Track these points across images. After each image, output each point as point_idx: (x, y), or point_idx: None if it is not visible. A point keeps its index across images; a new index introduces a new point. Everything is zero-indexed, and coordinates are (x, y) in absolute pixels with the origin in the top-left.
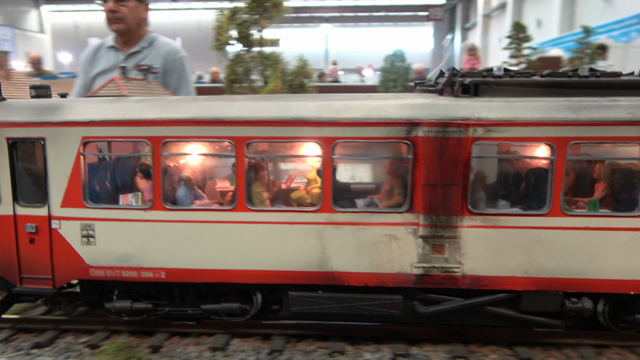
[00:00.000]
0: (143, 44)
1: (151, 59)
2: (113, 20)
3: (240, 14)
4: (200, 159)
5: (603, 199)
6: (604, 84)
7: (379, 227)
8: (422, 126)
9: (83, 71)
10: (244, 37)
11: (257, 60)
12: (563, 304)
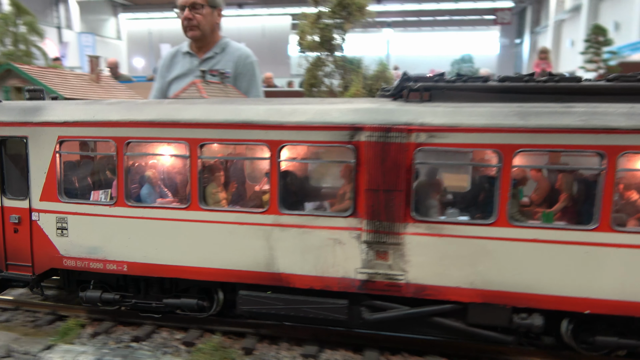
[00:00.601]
0: (216, 50)
1: (223, 64)
2: (189, 28)
3: (324, 18)
4: (166, 159)
5: (564, 210)
6: (561, 89)
7: (324, 231)
8: (365, 131)
9: (160, 76)
10: (326, 41)
11: (338, 64)
12: (511, 319)
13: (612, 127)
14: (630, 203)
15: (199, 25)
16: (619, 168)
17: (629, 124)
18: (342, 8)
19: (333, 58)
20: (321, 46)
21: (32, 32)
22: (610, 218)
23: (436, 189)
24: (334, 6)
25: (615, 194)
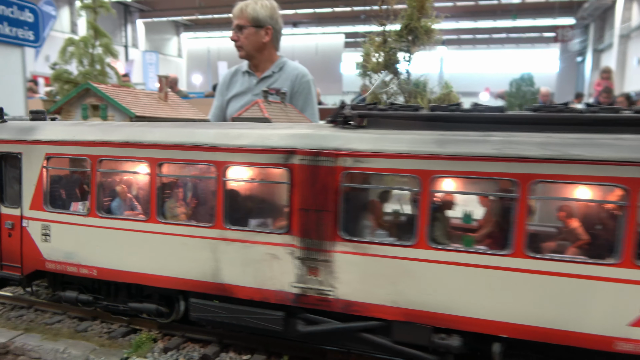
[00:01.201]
0: (274, 69)
1: (280, 83)
2: (236, 48)
3: (390, 41)
4: (132, 176)
5: (489, 235)
6: (485, 118)
7: (263, 246)
8: (297, 154)
9: (220, 93)
10: (391, 64)
11: (403, 86)
12: (431, 338)
13: (525, 155)
14: (547, 230)
15: (242, 46)
16: (530, 196)
17: (541, 154)
18: (409, 32)
19: (398, 80)
20: (386, 68)
21: (107, 53)
22: (524, 244)
23: (363, 210)
24: (401, 30)
25: (529, 220)
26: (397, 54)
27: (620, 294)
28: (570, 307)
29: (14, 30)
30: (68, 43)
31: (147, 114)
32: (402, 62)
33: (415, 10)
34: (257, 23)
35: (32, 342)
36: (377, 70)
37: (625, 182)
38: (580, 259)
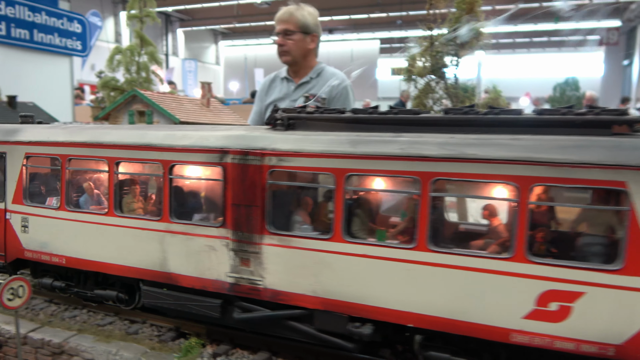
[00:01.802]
0: (312, 75)
1: (318, 89)
2: (281, 53)
3: (437, 44)
4: (95, 173)
5: (402, 230)
6: (400, 120)
7: (203, 239)
8: (230, 154)
9: (259, 99)
10: (438, 68)
11: (450, 91)
12: (347, 327)
13: (425, 155)
14: (448, 224)
15: (289, 51)
16: (431, 193)
17: (440, 153)
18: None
19: (444, 84)
20: (432, 72)
21: (152, 61)
22: (426, 238)
23: (288, 206)
24: (449, 32)
25: (432, 216)
26: (443, 58)
27: (515, 288)
28: (469, 299)
29: (64, 40)
30: (115, 52)
31: (190, 120)
32: (449, 66)
33: (465, 13)
34: (305, 29)
35: (86, 343)
36: (423, 75)
37: (515, 180)
38: (479, 253)
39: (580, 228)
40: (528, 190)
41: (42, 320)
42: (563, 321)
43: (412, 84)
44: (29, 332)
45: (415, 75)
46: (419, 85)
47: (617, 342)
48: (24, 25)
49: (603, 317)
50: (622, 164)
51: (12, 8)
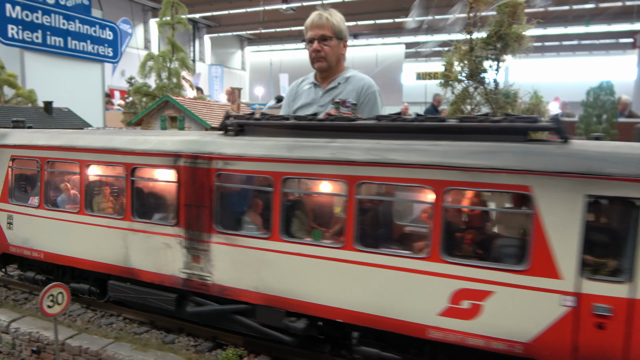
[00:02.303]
0: (340, 80)
1: (346, 94)
2: (316, 59)
3: (477, 48)
4: (69, 175)
5: (336, 231)
6: (336, 127)
7: (160, 237)
8: (183, 157)
9: (286, 104)
10: (477, 73)
11: (491, 97)
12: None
13: (352, 159)
14: (373, 226)
15: (326, 57)
16: (357, 195)
17: (365, 158)
18: (498, 38)
19: (484, 90)
20: (471, 78)
21: (183, 67)
22: (353, 238)
23: (234, 206)
24: (489, 37)
25: (358, 217)
26: (483, 62)
27: (430, 286)
28: (390, 297)
29: (96, 47)
30: (148, 58)
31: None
32: (489, 70)
33: (507, 16)
34: (340, 35)
35: (123, 351)
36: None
37: (431, 183)
38: (398, 252)
39: (490, 230)
40: (442, 194)
41: (79, 327)
42: (474, 319)
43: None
44: (66, 339)
45: (453, 80)
46: (456, 91)
47: (524, 340)
48: (59, 33)
49: (511, 315)
50: (527, 169)
51: (48, 17)
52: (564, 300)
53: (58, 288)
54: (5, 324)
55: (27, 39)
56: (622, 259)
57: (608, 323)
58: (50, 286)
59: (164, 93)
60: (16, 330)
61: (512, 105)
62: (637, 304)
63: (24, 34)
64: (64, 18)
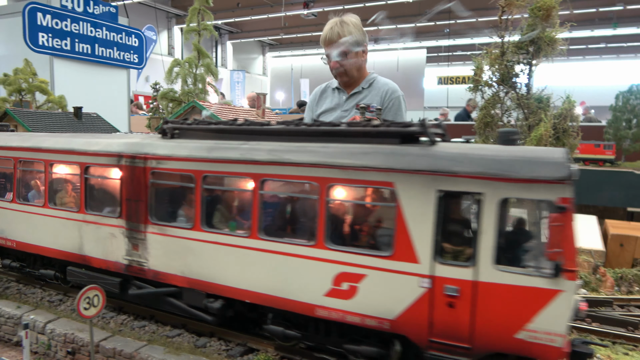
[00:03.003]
0: (364, 85)
1: (370, 99)
2: (339, 75)
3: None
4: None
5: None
6: (251, 130)
7: (107, 227)
8: (124, 157)
9: (309, 109)
10: (509, 78)
11: (523, 102)
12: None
13: (257, 159)
14: (274, 217)
15: (346, 72)
16: (260, 191)
17: (267, 158)
18: (531, 42)
19: (516, 94)
20: (502, 82)
21: (208, 73)
22: (257, 228)
23: (165, 200)
24: (521, 41)
25: (261, 210)
26: (514, 66)
27: (317, 270)
28: (286, 279)
29: (122, 54)
30: (174, 64)
31: None
32: (520, 75)
33: (540, 19)
34: (357, 46)
35: (156, 354)
36: (490, 85)
37: (317, 180)
38: (291, 240)
39: (364, 221)
40: (326, 189)
41: (113, 329)
42: (352, 299)
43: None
44: (101, 341)
45: (483, 84)
46: (486, 95)
47: (390, 318)
48: (87, 40)
49: (380, 296)
50: (390, 168)
51: (77, 24)
52: (421, 282)
53: (94, 291)
54: (42, 325)
55: (56, 46)
56: (467, 246)
57: (457, 302)
58: (86, 289)
59: (189, 98)
60: (52, 331)
61: (545, 110)
62: (479, 285)
63: (54, 41)
64: (91, 26)
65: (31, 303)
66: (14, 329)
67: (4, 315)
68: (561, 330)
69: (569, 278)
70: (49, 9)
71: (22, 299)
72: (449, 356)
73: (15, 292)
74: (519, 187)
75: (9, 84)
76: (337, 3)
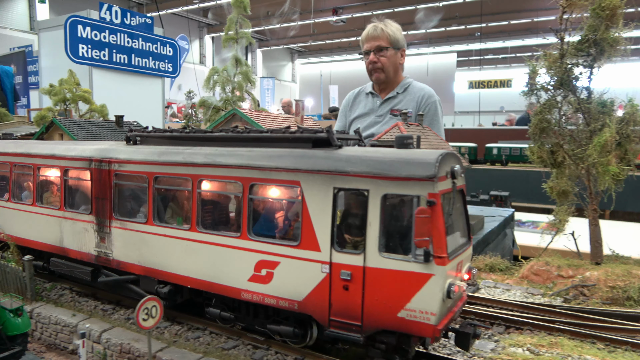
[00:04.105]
0: (398, 90)
1: (405, 104)
2: (374, 71)
3: (568, 55)
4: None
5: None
6: (200, 137)
7: (81, 223)
8: (94, 161)
9: (342, 114)
10: (567, 82)
11: (584, 106)
12: (155, 288)
13: (195, 162)
14: (209, 211)
15: (383, 67)
16: (198, 189)
17: (203, 161)
18: (592, 44)
19: (576, 98)
20: (561, 86)
21: (246, 81)
22: (196, 222)
23: (126, 198)
24: (581, 42)
25: (199, 206)
26: (573, 69)
27: (242, 258)
28: (218, 267)
29: (157, 63)
30: (212, 72)
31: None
32: (580, 78)
33: (603, 20)
34: (396, 45)
35: None
36: (546, 89)
37: (241, 180)
38: (224, 233)
39: (279, 214)
40: (248, 187)
41: (168, 340)
42: (269, 283)
43: (534, 97)
44: (157, 352)
45: (539, 88)
46: (541, 100)
47: (299, 299)
48: (124, 50)
49: (290, 280)
50: (297, 168)
51: (115, 36)
52: (323, 268)
53: (152, 301)
54: (97, 334)
55: (95, 57)
56: (358, 236)
57: (350, 285)
58: (145, 300)
59: (227, 106)
60: (107, 340)
61: (608, 115)
62: (367, 270)
63: (93, 52)
64: (128, 36)
65: (85, 311)
66: (70, 337)
67: (60, 323)
68: (434, 309)
69: (438, 263)
70: (89, 22)
71: (76, 307)
72: (345, 333)
73: (69, 299)
74: (397, 184)
75: (54, 94)
76: (366, 9)
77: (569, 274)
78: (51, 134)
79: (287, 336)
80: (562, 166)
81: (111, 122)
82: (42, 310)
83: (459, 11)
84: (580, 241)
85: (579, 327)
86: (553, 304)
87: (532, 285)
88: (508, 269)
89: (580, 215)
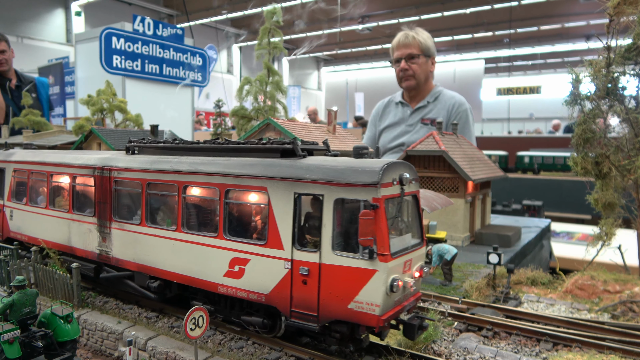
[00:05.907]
0: (429, 99)
1: (436, 112)
2: (404, 78)
3: (614, 64)
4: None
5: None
6: (188, 147)
7: (86, 224)
8: (97, 169)
9: (372, 124)
10: (613, 91)
11: (633, 116)
12: (147, 283)
13: (181, 170)
14: (192, 215)
15: (414, 74)
16: (183, 194)
17: (187, 169)
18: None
19: (624, 108)
20: (608, 95)
21: (277, 90)
22: (181, 223)
23: (125, 202)
24: (629, 50)
25: (184, 209)
26: (620, 77)
27: (219, 256)
28: (199, 263)
29: (187, 73)
30: (245, 82)
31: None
32: (628, 86)
33: None
34: (427, 52)
35: None
36: (590, 98)
37: (218, 186)
38: (204, 233)
39: (250, 217)
40: (224, 192)
41: (212, 349)
42: (241, 278)
43: (577, 107)
44: None
45: (583, 98)
46: (585, 109)
47: (265, 293)
48: (155, 61)
49: (259, 275)
50: (264, 176)
51: (147, 47)
52: (285, 264)
53: (199, 312)
54: (143, 341)
55: (128, 67)
56: (315, 236)
57: (308, 279)
58: (192, 310)
59: (259, 115)
60: (153, 348)
61: None
62: (322, 266)
63: (126, 63)
64: (160, 47)
65: (130, 319)
66: (115, 344)
67: (106, 330)
68: (378, 301)
69: (382, 260)
70: (123, 33)
71: (121, 314)
72: (304, 322)
73: (114, 306)
74: (347, 189)
75: (92, 104)
76: (392, 17)
77: (615, 289)
78: (90, 143)
79: (257, 326)
80: (608, 177)
81: (146, 131)
82: (88, 317)
83: (486, 18)
84: (628, 255)
85: (630, 345)
86: (601, 320)
87: (576, 300)
88: (550, 283)
89: (627, 227)
